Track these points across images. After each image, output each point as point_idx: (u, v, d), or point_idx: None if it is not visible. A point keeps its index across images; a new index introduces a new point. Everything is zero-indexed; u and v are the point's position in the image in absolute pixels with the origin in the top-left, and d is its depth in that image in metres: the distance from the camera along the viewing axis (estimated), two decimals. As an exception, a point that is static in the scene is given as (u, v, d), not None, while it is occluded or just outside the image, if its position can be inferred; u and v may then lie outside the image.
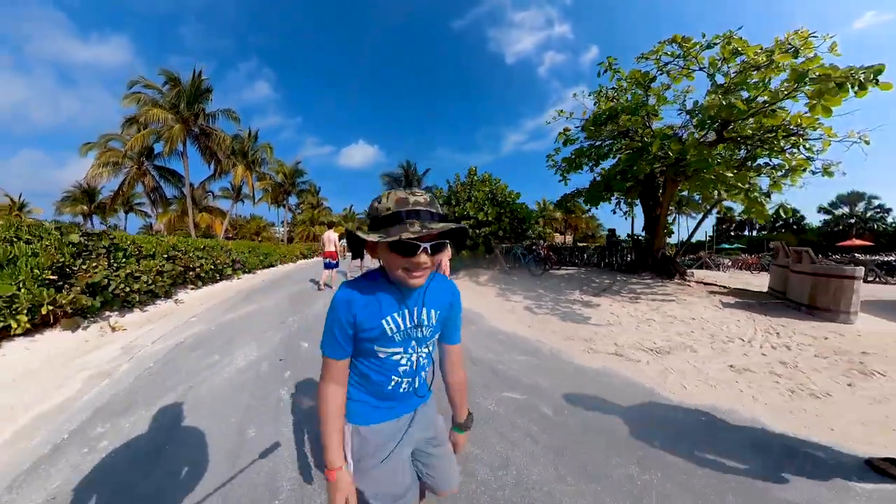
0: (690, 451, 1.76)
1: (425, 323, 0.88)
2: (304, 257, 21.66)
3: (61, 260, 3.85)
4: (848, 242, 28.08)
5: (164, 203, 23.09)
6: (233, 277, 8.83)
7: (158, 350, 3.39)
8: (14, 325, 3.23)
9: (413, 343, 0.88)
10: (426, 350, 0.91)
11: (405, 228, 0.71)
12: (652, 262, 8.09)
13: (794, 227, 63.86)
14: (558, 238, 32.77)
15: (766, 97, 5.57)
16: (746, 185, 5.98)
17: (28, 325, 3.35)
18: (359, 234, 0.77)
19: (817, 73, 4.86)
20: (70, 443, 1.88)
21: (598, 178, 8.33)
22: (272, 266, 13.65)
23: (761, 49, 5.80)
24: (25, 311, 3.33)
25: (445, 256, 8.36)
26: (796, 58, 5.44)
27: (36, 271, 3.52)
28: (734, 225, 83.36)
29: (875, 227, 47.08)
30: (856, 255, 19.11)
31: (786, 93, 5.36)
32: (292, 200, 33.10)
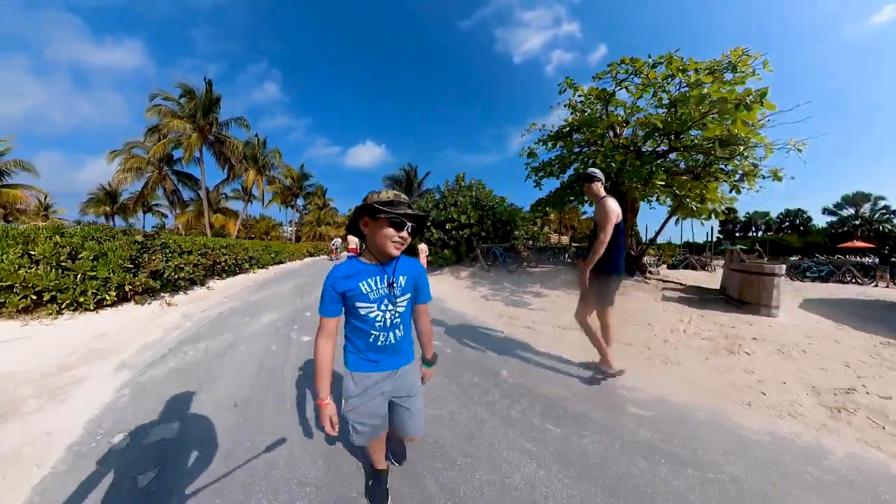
0: (520, 374, 3.11)
1: (396, 283, 1.21)
2: (311, 255, 23.24)
3: (133, 254, 5.31)
4: (849, 244, 27.97)
5: (182, 205, 24.87)
6: (249, 271, 10.33)
7: (208, 315, 4.84)
8: (108, 297, 4.68)
9: (385, 302, 1.21)
10: (397, 311, 1.24)
11: (400, 210, 1.13)
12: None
13: (801, 228, 63.36)
14: (554, 238, 33.91)
15: (695, 114, 6.28)
16: (684, 192, 6.95)
17: (115, 298, 4.80)
18: (378, 205, 1.12)
19: (715, 98, 5.94)
20: (169, 355, 3.30)
21: (560, 185, 9.55)
22: (282, 263, 15.17)
23: (701, 68, 6.58)
24: (114, 289, 4.78)
25: (423, 254, 9.71)
26: (734, 72, 6.32)
27: (119, 261, 4.98)
28: (739, 226, 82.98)
29: (881, 228, 46.22)
30: (846, 256, 19.31)
31: (700, 112, 6.28)
32: (300, 202, 34.80)
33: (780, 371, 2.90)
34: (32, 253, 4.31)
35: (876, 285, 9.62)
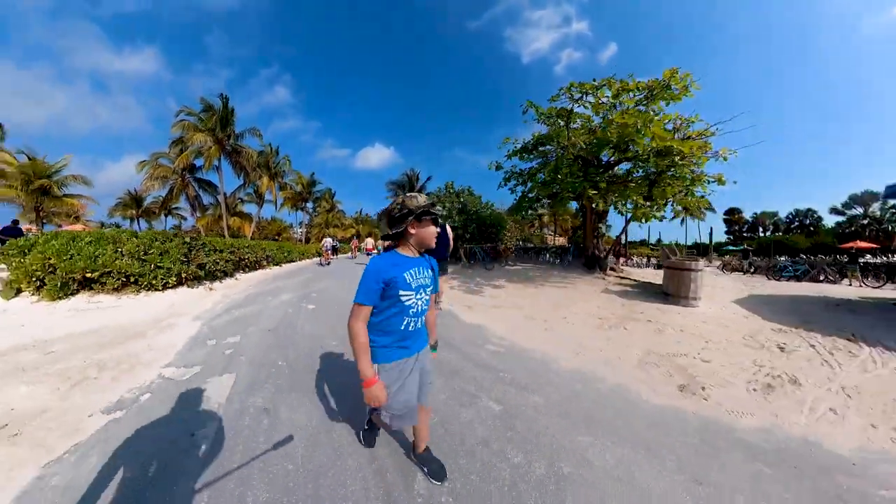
0: (448, 340, 4.78)
1: (428, 275, 1.50)
2: (318, 255, 25.17)
3: (185, 251, 7.14)
4: (851, 244, 27.80)
5: (202, 209, 27.08)
6: (266, 267, 12.19)
7: (242, 295, 6.64)
8: (170, 281, 6.50)
9: (421, 290, 1.44)
10: (426, 297, 1.48)
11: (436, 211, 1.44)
12: (585, 259, 10.61)
13: (811, 227, 62.83)
14: (549, 239, 35.28)
15: (617, 133, 7.50)
16: (634, 197, 8.16)
17: (174, 282, 6.61)
18: (434, 210, 1.43)
19: (616, 122, 7.37)
20: (222, 313, 5.07)
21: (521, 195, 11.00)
22: (293, 261, 17.06)
23: (641, 87, 7.83)
24: (174, 276, 6.59)
25: (370, 247, 11.38)
26: (669, 88, 7.58)
27: (176, 256, 6.80)
28: (746, 226, 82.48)
29: (890, 228, 45.42)
30: (836, 255, 19.06)
31: (617, 132, 7.45)
32: (309, 205, 36.94)
33: (637, 341, 3.88)
34: (121, 249, 6.15)
35: (850, 284, 9.80)
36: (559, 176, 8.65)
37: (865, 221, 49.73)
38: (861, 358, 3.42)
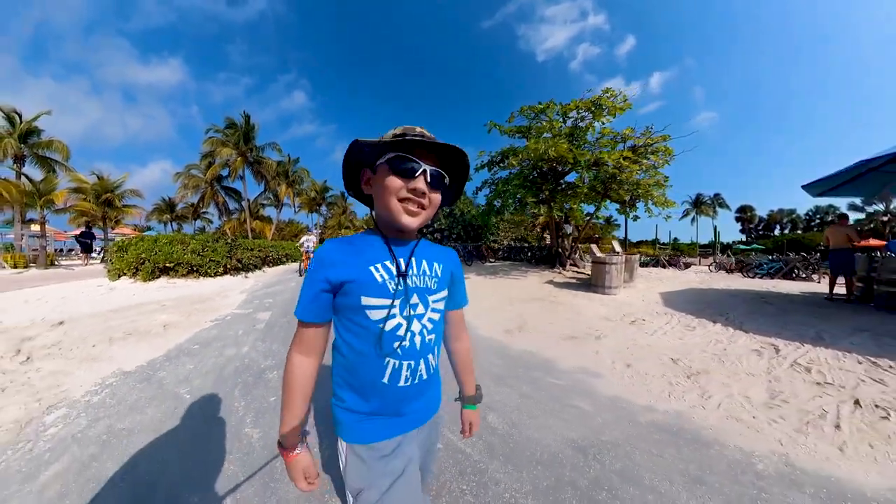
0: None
1: (427, 272, 0.78)
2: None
3: (227, 249, 9.76)
4: (864, 243, 27.42)
5: (228, 213, 30.32)
6: (286, 263, 14.85)
7: (271, 279, 9.19)
8: (220, 271, 9.09)
9: (412, 298, 0.73)
10: (430, 317, 0.76)
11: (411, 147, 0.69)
12: (549, 256, 12.52)
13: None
14: (547, 241, 36.85)
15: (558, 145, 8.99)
16: (567, 205, 10.20)
17: (222, 272, 9.20)
18: (362, 140, 0.70)
19: (530, 147, 9.26)
20: (259, 289, 7.59)
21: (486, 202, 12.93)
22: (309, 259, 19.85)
23: (580, 106, 9.36)
24: (221, 267, 9.17)
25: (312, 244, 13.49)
26: (601, 107, 9.05)
27: (223, 252, 9.41)
28: (762, 225, 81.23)
29: None
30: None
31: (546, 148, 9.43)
32: (323, 209, 40.02)
33: (526, 311, 6.50)
34: (187, 248, 8.78)
35: (819, 281, 9.89)
36: (509, 187, 10.38)
37: (886, 218, 48.58)
38: (698, 331, 4.26)
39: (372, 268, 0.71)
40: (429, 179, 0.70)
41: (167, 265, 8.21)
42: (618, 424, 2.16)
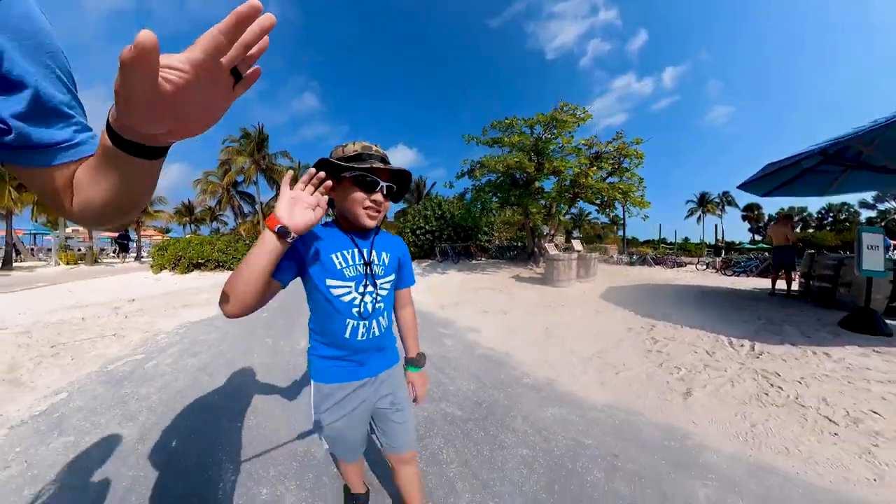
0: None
1: (376, 262, 1.00)
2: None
3: (247, 248, 11.65)
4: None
5: (243, 216, 32.64)
6: (294, 261, 16.78)
7: (278, 274, 11.03)
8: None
9: (364, 282, 0.97)
10: (379, 293, 1.00)
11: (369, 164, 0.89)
12: (526, 254, 14.03)
13: (848, 223, 59.23)
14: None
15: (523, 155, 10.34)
16: (538, 206, 11.78)
17: (241, 267, 11.10)
18: (335, 160, 0.88)
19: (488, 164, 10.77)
20: (272, 280, 9.42)
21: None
22: (315, 258, 21.77)
23: (541, 120, 10.30)
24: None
25: None
26: (557, 119, 9.95)
27: (244, 251, 11.30)
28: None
29: None
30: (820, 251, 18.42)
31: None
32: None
33: (478, 298, 8.10)
34: (214, 248, 10.68)
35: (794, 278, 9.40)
36: (482, 194, 11.82)
37: (897, 215, 47.29)
38: (602, 315, 4.85)
39: (333, 255, 0.94)
40: (384, 192, 0.93)
41: (199, 261, 10.13)
42: (463, 353, 3.53)
